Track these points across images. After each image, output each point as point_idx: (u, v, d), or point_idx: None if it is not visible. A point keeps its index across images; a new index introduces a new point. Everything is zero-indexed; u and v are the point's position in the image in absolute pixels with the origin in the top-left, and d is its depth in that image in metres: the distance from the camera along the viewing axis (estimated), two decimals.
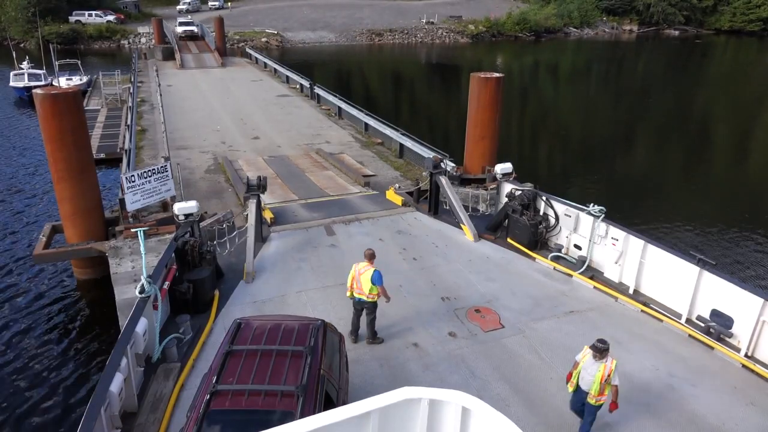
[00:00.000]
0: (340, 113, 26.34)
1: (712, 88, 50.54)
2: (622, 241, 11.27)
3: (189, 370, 8.69)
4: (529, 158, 26.94)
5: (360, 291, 9.14)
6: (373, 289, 9.03)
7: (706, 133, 34.64)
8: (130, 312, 8.55)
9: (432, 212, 14.65)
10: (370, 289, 9.04)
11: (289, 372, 6.32)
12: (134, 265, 11.74)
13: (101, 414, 6.67)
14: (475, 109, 15.93)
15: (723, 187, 23.90)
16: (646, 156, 28.71)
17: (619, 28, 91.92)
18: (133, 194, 12.89)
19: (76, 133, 12.39)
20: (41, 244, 12.84)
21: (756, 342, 9.21)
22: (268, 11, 79.43)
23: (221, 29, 48.72)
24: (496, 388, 8.50)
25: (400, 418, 4.02)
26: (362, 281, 9.08)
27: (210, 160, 19.50)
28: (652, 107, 40.18)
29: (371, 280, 8.97)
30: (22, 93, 33.43)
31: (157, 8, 78.56)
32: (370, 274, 9.00)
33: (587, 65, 63.81)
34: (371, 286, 9.01)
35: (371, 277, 8.97)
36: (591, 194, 14.41)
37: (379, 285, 9.00)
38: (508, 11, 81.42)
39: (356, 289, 9.19)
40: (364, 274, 9.06)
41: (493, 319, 10.21)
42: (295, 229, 13.75)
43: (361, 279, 9.09)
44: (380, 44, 72.14)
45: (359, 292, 9.16)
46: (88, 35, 63.12)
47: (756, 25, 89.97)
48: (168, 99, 28.91)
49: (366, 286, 9.05)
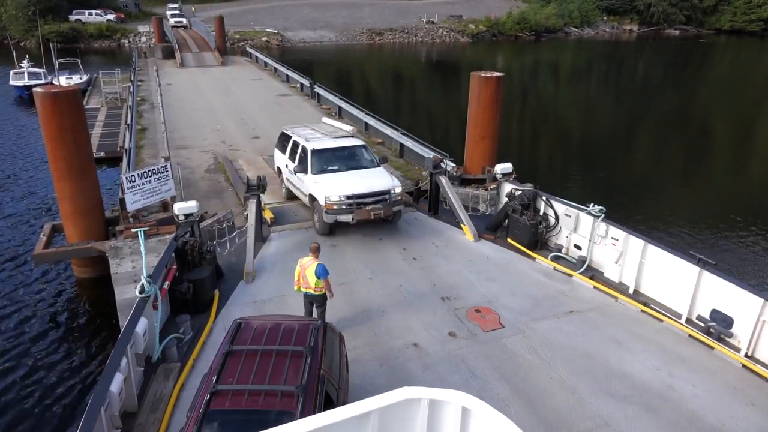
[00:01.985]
0: (341, 112, 26.33)
1: (713, 88, 50.53)
2: (622, 241, 11.27)
3: (189, 370, 8.69)
4: (529, 158, 26.94)
5: (306, 285, 9.22)
6: (318, 283, 9.11)
7: (706, 132, 34.64)
8: (130, 312, 8.55)
9: (432, 212, 14.65)
10: (315, 283, 9.10)
11: (289, 372, 6.31)
12: (134, 265, 11.74)
13: (101, 414, 6.66)
14: (476, 109, 15.92)
15: (723, 186, 23.90)
16: (646, 156, 28.71)
17: (619, 27, 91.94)
18: (133, 194, 12.89)
19: (76, 132, 12.39)
20: (41, 244, 12.85)
21: (756, 342, 9.21)
22: (268, 10, 79.43)
23: (221, 28, 48.72)
24: (496, 388, 8.50)
25: (400, 418, 4.02)
26: (307, 275, 9.16)
27: (210, 160, 19.50)
28: (652, 107, 40.18)
29: (315, 274, 9.02)
30: (22, 92, 33.46)
31: (157, 7, 78.53)
32: (314, 267, 9.05)
33: (587, 65, 63.81)
34: (316, 280, 9.07)
35: (315, 271, 9.02)
36: (591, 194, 14.40)
37: (323, 278, 9.06)
38: (509, 11, 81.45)
39: (303, 283, 9.27)
40: (309, 267, 9.13)
41: (493, 319, 10.22)
42: (295, 229, 13.75)
43: (306, 273, 9.17)
44: (380, 44, 72.13)
45: (306, 286, 9.24)
46: (89, 34, 63.23)
47: (757, 25, 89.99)
48: (168, 98, 28.90)
49: (311, 280, 9.12)
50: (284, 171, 15.21)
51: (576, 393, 8.47)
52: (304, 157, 13.76)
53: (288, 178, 14.91)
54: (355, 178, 13.26)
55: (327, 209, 12.62)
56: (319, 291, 9.21)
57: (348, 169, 13.62)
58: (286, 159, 14.88)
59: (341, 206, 12.55)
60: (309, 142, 14.05)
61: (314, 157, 13.61)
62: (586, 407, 8.21)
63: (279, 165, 15.82)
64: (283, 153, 15.20)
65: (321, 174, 13.35)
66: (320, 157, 13.69)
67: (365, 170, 13.76)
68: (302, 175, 13.56)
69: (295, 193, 14.73)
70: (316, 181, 13.09)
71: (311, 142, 14.08)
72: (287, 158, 14.77)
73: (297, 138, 14.64)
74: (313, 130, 15.34)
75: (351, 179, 13.17)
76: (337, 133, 15.14)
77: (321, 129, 15.53)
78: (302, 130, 15.51)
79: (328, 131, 15.35)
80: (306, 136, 14.54)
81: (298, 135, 14.86)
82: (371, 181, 13.19)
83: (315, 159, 13.59)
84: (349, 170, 13.58)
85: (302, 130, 15.51)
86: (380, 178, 13.45)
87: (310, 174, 13.35)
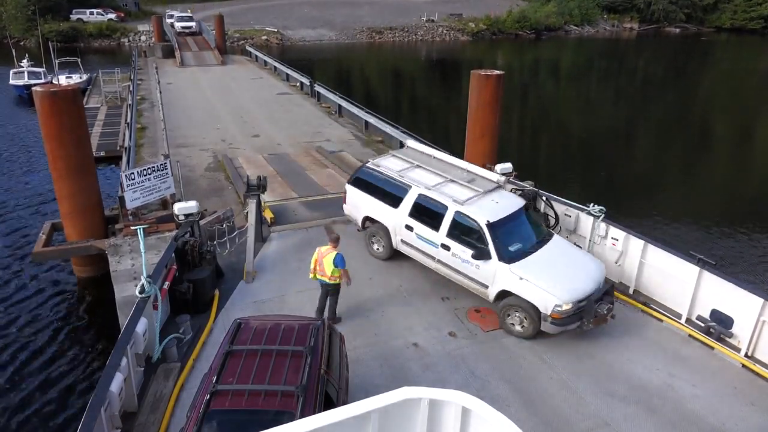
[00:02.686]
0: (341, 111, 26.30)
1: (714, 86, 50.48)
2: (622, 241, 11.26)
3: (189, 370, 8.69)
4: (529, 156, 26.94)
5: (322, 273, 9.51)
6: (335, 272, 9.42)
7: (707, 131, 34.62)
8: (130, 311, 8.55)
9: None
10: (332, 272, 9.42)
11: (289, 372, 6.31)
12: (134, 263, 11.72)
13: (101, 414, 6.66)
14: (475, 107, 15.89)
15: (724, 186, 23.89)
16: (646, 154, 28.68)
17: (619, 26, 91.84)
18: (132, 192, 12.88)
19: (75, 131, 12.38)
20: (41, 242, 12.84)
21: (756, 342, 9.21)
22: (268, 9, 79.36)
23: (221, 27, 48.64)
24: (496, 388, 8.51)
25: (400, 418, 4.02)
26: (324, 264, 9.45)
27: (210, 158, 19.49)
28: (652, 105, 40.14)
29: (333, 263, 9.34)
30: (22, 91, 33.41)
31: (157, 6, 78.47)
32: (332, 257, 9.37)
33: (588, 63, 63.74)
34: (333, 269, 9.38)
35: (333, 260, 9.34)
36: (591, 193, 14.39)
37: (341, 267, 9.42)
38: (509, 9, 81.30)
39: (319, 271, 9.56)
40: (327, 257, 9.44)
41: (493, 319, 10.19)
42: (295, 229, 13.73)
43: (324, 262, 9.46)
44: (380, 42, 72.03)
45: (321, 274, 9.54)
46: (88, 33, 63.15)
47: (757, 23, 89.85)
48: (168, 97, 28.87)
49: (328, 269, 9.42)
50: (397, 230, 11.18)
51: (576, 393, 8.48)
52: (476, 235, 9.82)
53: (420, 248, 10.81)
54: (568, 267, 9.76)
55: (554, 320, 9.10)
56: (334, 280, 9.54)
57: (537, 247, 10.06)
58: (397, 214, 10.97)
59: (571, 313, 9.14)
60: (468, 206, 10.07)
61: (493, 233, 9.69)
62: (586, 407, 8.22)
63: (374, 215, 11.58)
64: (390, 205, 11.11)
65: (517, 262, 9.55)
66: (501, 233, 9.82)
67: (555, 246, 10.28)
68: (481, 262, 9.71)
69: (449, 275, 10.52)
70: (523, 277, 9.32)
71: (472, 206, 10.09)
72: (408, 217, 10.80)
73: (435, 195, 10.48)
74: (436, 174, 11.17)
75: (565, 269, 9.68)
76: (467, 178, 11.11)
77: (432, 166, 11.51)
78: (418, 173, 11.22)
79: (444, 171, 11.29)
80: (448, 192, 10.48)
81: (427, 186, 10.69)
82: (587, 268, 9.86)
83: (496, 237, 9.68)
84: (539, 248, 10.04)
85: (418, 173, 11.22)
86: (590, 262, 10.18)
87: (498, 261, 9.56)
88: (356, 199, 11.95)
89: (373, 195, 11.50)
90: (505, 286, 9.55)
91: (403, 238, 11.09)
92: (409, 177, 11.11)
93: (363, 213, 11.87)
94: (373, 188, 11.55)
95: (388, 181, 11.24)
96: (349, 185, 12.19)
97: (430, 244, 10.52)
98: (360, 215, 12.00)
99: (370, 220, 11.78)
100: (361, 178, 11.90)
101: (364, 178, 11.84)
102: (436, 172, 11.21)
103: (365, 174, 11.85)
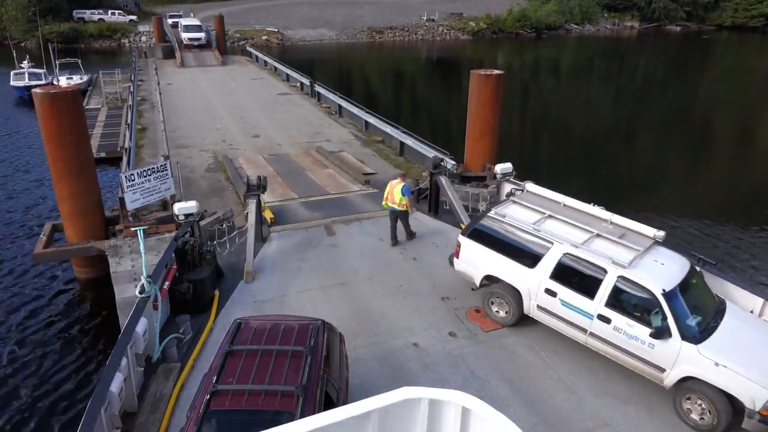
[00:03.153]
0: (341, 111, 26.31)
1: (715, 84, 50.43)
2: None
3: (189, 370, 8.69)
4: (529, 156, 26.92)
5: (392, 201, 12.48)
6: (402, 200, 12.37)
7: (708, 130, 34.58)
8: (130, 312, 8.56)
9: (432, 212, 14.63)
10: (400, 199, 12.37)
11: (289, 372, 6.32)
12: (134, 264, 11.73)
13: (101, 414, 6.67)
14: (476, 107, 15.89)
15: (725, 185, 23.84)
16: (647, 154, 28.65)
17: (620, 24, 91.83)
18: (132, 193, 12.88)
19: (75, 133, 12.38)
20: (41, 243, 12.84)
21: None
22: (268, 9, 79.42)
23: (221, 27, 48.68)
24: (496, 388, 8.50)
25: (400, 418, 4.02)
26: (394, 193, 12.43)
27: (210, 159, 19.50)
28: (653, 104, 40.10)
29: (401, 192, 12.32)
30: (23, 92, 33.45)
31: (157, 7, 78.54)
32: (401, 187, 12.35)
33: (588, 62, 63.71)
34: (401, 197, 12.33)
35: (401, 190, 12.32)
36: (591, 193, 14.37)
37: (407, 195, 12.38)
38: (509, 8, 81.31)
39: (390, 199, 12.55)
40: (396, 187, 12.43)
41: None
42: (295, 229, 13.74)
43: (393, 191, 12.44)
44: (381, 42, 72.05)
45: (392, 201, 12.52)
46: (89, 34, 63.27)
47: (758, 21, 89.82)
48: (168, 97, 28.91)
49: (397, 197, 12.40)
50: (533, 293, 9.38)
51: (576, 393, 8.47)
52: (649, 307, 8.13)
53: (566, 317, 9.02)
54: (760, 344, 8.00)
55: (764, 417, 7.24)
56: (402, 207, 12.46)
57: (717, 319, 8.29)
58: (534, 276, 9.26)
59: None
60: (634, 269, 8.38)
61: (672, 305, 8.01)
62: (586, 407, 8.21)
63: (500, 274, 9.82)
64: (524, 264, 9.41)
65: (706, 342, 7.80)
66: (679, 304, 8.14)
67: (735, 317, 8.49)
68: (658, 341, 7.92)
69: (606, 352, 8.74)
70: (720, 363, 7.51)
71: (638, 270, 8.40)
72: (549, 279, 9.06)
73: (587, 255, 8.74)
74: (578, 227, 9.42)
75: (765, 348, 7.89)
76: (616, 232, 9.40)
77: (567, 216, 9.78)
78: (554, 225, 9.55)
79: (585, 222, 9.60)
80: (601, 252, 8.80)
81: (574, 244, 8.96)
82: None
83: (675, 309, 8.00)
84: (720, 320, 8.26)
85: (554, 225, 9.55)
86: None
87: (681, 341, 7.81)
88: (474, 254, 10.14)
89: (499, 251, 9.75)
90: (694, 373, 7.69)
91: (540, 303, 9.32)
92: (547, 231, 9.39)
93: (483, 271, 10.07)
94: (499, 243, 9.82)
95: (520, 235, 9.59)
96: (464, 238, 10.29)
97: (582, 315, 8.70)
98: (479, 273, 10.16)
99: (492, 278, 10.06)
100: (481, 231, 10.12)
101: (485, 231, 10.06)
102: (578, 225, 9.47)
103: (487, 226, 10.08)
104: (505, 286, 9.77)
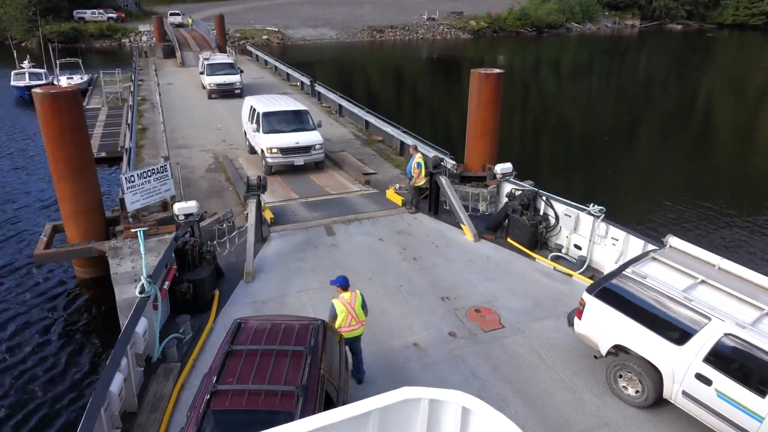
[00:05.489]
0: (341, 111, 26.31)
1: (716, 82, 50.36)
2: (622, 241, 11.25)
3: (189, 370, 8.70)
4: (530, 155, 26.91)
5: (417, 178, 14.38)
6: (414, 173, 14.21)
7: (709, 129, 34.55)
8: (130, 312, 8.57)
9: (432, 212, 14.64)
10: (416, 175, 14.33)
11: (289, 372, 6.32)
12: (134, 265, 11.75)
13: (101, 414, 6.68)
14: (476, 106, 15.88)
15: (726, 185, 23.82)
16: (647, 153, 28.62)
17: (620, 23, 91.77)
18: (132, 194, 12.90)
19: (76, 133, 12.39)
20: (42, 244, 12.85)
21: None
22: (269, 8, 79.43)
23: (222, 27, 48.65)
24: (496, 388, 8.50)
25: (400, 418, 4.03)
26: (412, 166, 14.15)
27: (210, 159, 19.50)
28: (654, 102, 40.06)
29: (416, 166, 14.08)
30: (23, 92, 33.49)
31: (158, 6, 78.56)
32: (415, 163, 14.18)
33: (589, 61, 63.65)
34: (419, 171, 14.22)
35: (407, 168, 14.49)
36: (591, 193, 14.39)
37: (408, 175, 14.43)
38: (510, 7, 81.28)
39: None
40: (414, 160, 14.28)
41: (493, 319, 10.21)
42: (295, 229, 13.74)
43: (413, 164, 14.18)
44: (381, 41, 72.04)
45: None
46: (89, 34, 63.33)
47: (759, 19, 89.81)
48: (168, 97, 28.88)
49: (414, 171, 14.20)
50: (678, 376, 7.64)
51: (576, 393, 8.47)
52: None
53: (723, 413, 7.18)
54: None
55: None
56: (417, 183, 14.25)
57: None
58: (681, 355, 7.55)
59: None
60: None
61: None
62: (586, 407, 8.21)
63: (634, 346, 8.11)
64: (668, 338, 7.72)
65: None
66: None
67: None
68: None
69: None
70: None
71: None
72: (703, 363, 7.32)
73: (760, 341, 6.88)
74: (741, 300, 7.69)
75: None
76: None
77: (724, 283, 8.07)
78: (710, 294, 7.88)
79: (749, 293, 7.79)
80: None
81: (739, 323, 7.16)
82: None
83: None
84: None
85: (710, 294, 7.88)
86: None
87: None
88: (602, 317, 8.37)
89: (636, 318, 8.01)
90: None
91: (688, 390, 7.50)
92: (701, 301, 7.62)
93: (612, 339, 8.31)
94: (636, 309, 8.09)
95: (666, 303, 7.87)
96: (591, 296, 8.51)
97: (747, 414, 6.86)
98: (606, 340, 8.40)
99: (622, 349, 8.31)
100: (614, 291, 8.38)
101: (619, 293, 8.32)
102: (741, 297, 7.64)
103: (622, 287, 8.33)
104: (640, 361, 7.98)
